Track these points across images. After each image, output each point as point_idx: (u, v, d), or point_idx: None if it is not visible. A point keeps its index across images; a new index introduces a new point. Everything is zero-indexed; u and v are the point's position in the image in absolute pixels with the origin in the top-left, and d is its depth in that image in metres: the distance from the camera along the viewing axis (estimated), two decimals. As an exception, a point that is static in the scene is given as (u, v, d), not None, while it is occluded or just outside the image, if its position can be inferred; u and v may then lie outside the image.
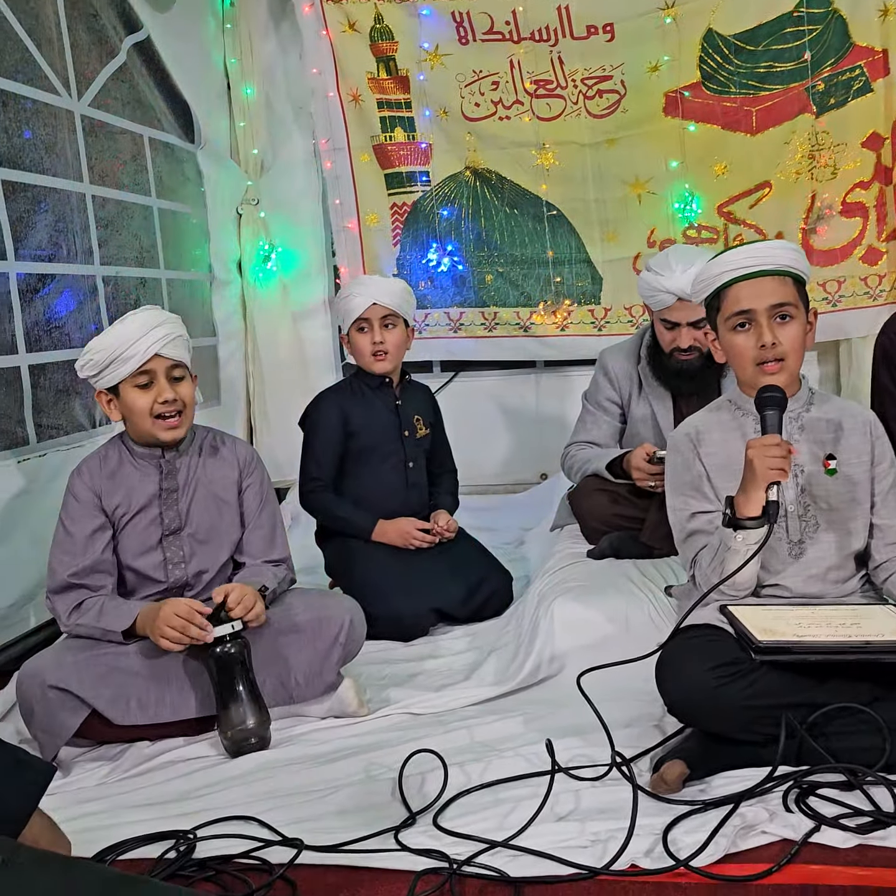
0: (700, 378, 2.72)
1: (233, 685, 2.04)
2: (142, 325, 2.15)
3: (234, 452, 2.36)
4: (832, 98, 3.72)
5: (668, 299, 2.67)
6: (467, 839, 1.63)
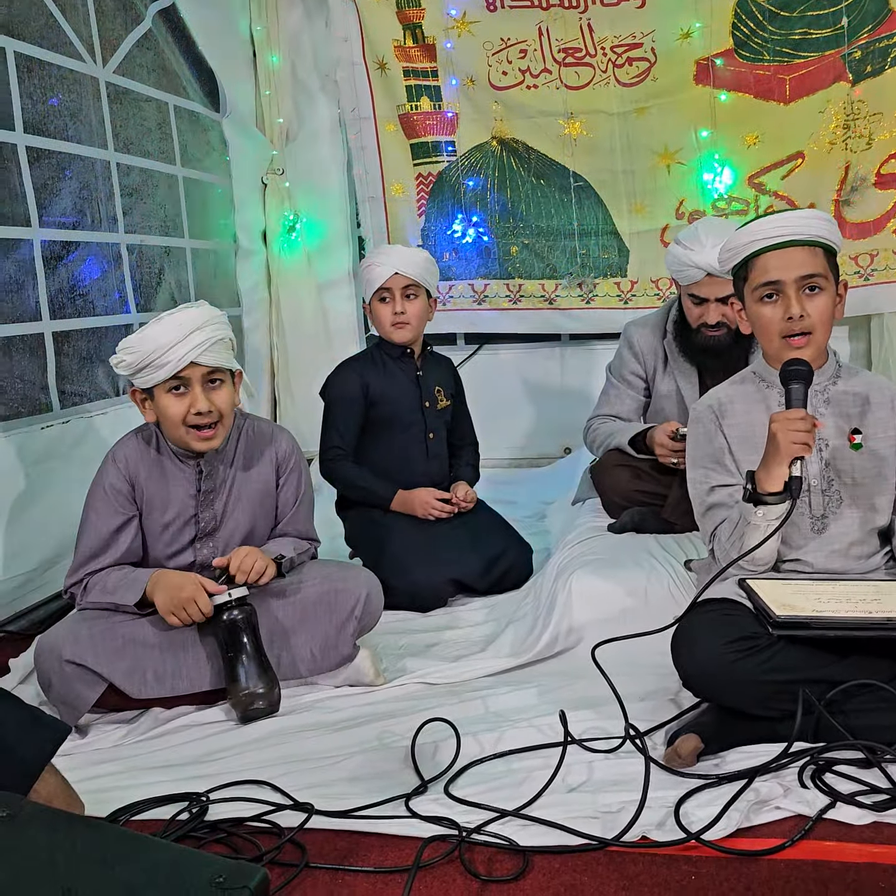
0: (727, 355, 2.66)
1: (239, 651, 2.05)
2: (179, 327, 2.02)
3: (273, 445, 2.28)
4: (869, 66, 3.62)
5: (697, 274, 2.61)
6: (478, 808, 1.63)
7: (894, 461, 1.95)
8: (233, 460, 2.24)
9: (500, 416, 4.14)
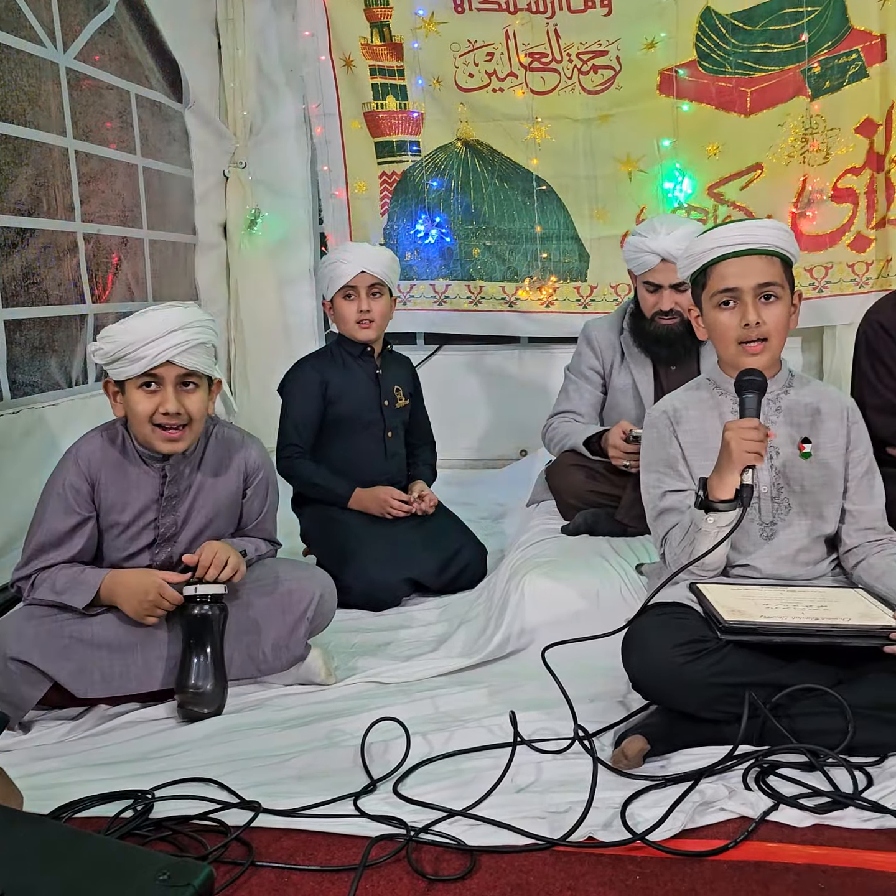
0: (680, 345, 2.72)
1: (200, 647, 2.03)
2: (161, 324, 1.97)
3: (241, 456, 2.21)
4: (828, 81, 3.69)
5: (652, 260, 2.67)
6: (426, 807, 1.63)
7: (842, 471, 1.98)
8: (199, 465, 2.16)
9: (458, 417, 4.15)
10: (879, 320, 2.67)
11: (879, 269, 3.75)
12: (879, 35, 3.63)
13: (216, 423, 2.23)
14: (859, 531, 1.99)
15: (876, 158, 3.71)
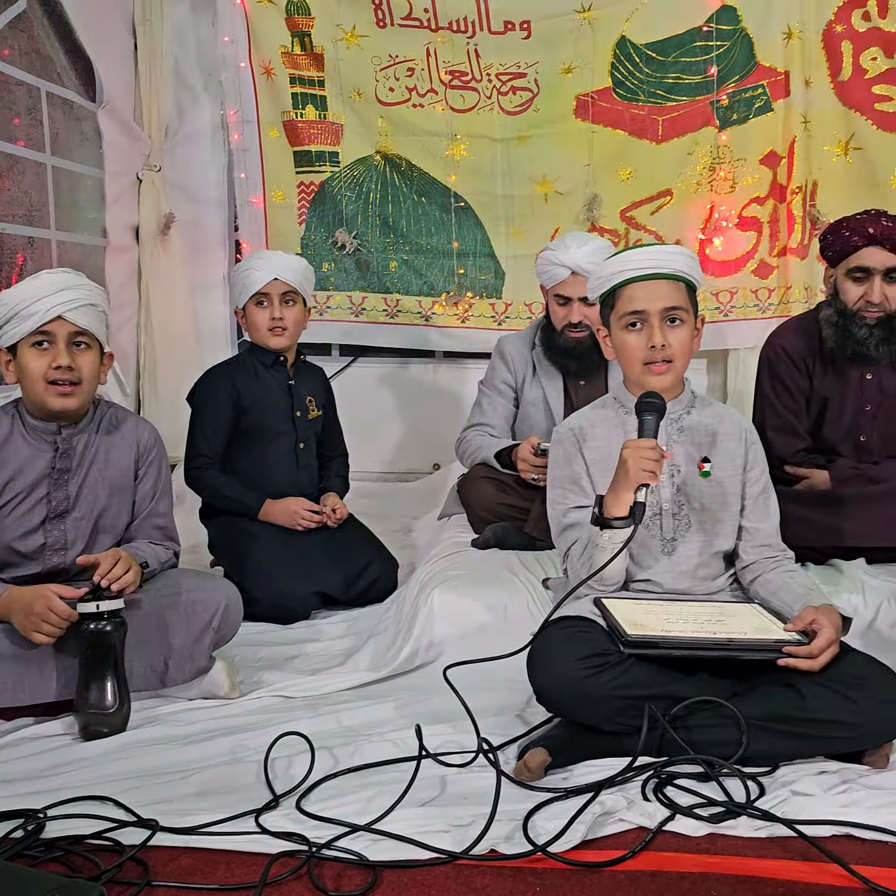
0: (588, 358, 2.79)
1: (98, 664, 1.96)
2: (51, 284, 2.03)
3: (135, 435, 2.24)
4: (735, 114, 3.83)
5: (562, 273, 2.73)
6: (329, 822, 1.61)
7: (739, 490, 2.05)
8: (92, 442, 2.19)
9: (372, 429, 4.14)
10: (781, 344, 2.78)
11: (781, 296, 3.90)
12: (783, 72, 3.78)
13: (110, 407, 2.26)
14: (756, 548, 2.06)
15: (779, 189, 3.86)
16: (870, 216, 2.55)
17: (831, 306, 2.65)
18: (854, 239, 2.53)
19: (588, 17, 3.84)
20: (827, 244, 2.63)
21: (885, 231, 2.50)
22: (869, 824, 1.61)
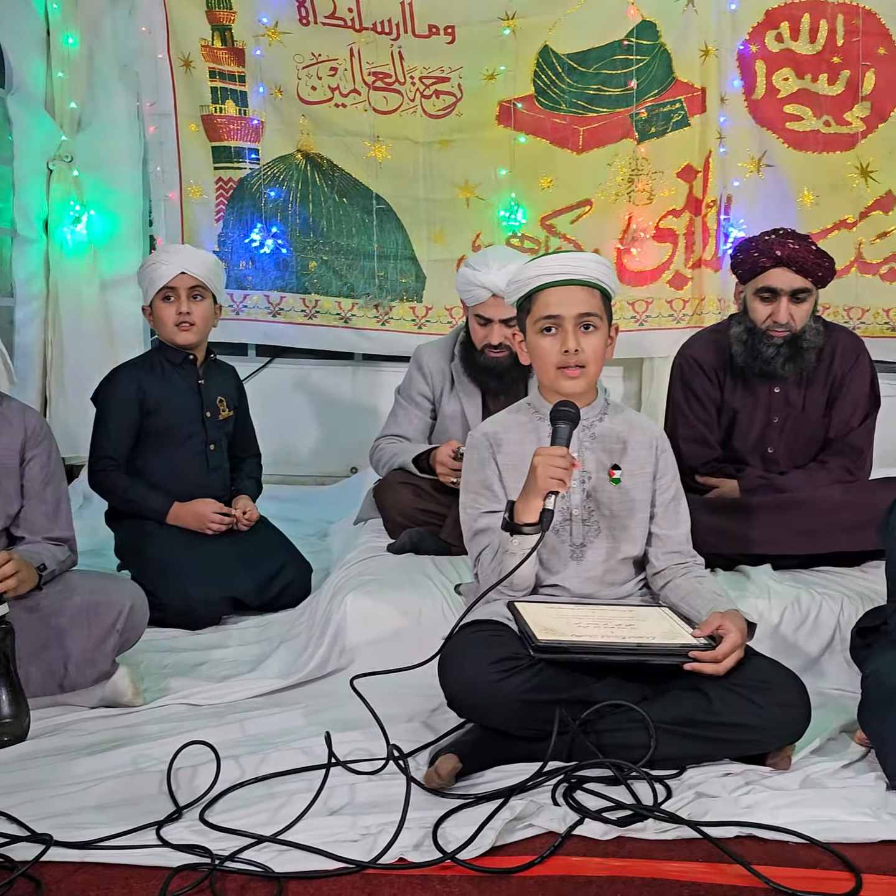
0: (508, 377, 2.78)
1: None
2: None
3: (22, 419, 2.17)
4: (653, 127, 3.90)
5: (483, 294, 2.71)
6: (233, 834, 1.57)
7: (649, 497, 2.08)
8: None
9: (288, 431, 4.09)
10: (692, 355, 2.84)
11: (695, 307, 3.98)
12: (700, 88, 3.87)
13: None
14: (666, 554, 2.09)
15: (695, 202, 3.94)
16: (778, 238, 2.61)
17: (741, 323, 2.71)
18: (762, 260, 2.59)
19: (512, 25, 3.86)
20: (736, 262, 2.70)
21: (791, 253, 2.57)
22: (771, 825, 1.64)
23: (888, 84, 3.80)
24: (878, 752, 1.85)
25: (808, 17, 3.79)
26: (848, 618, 2.36)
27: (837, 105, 3.83)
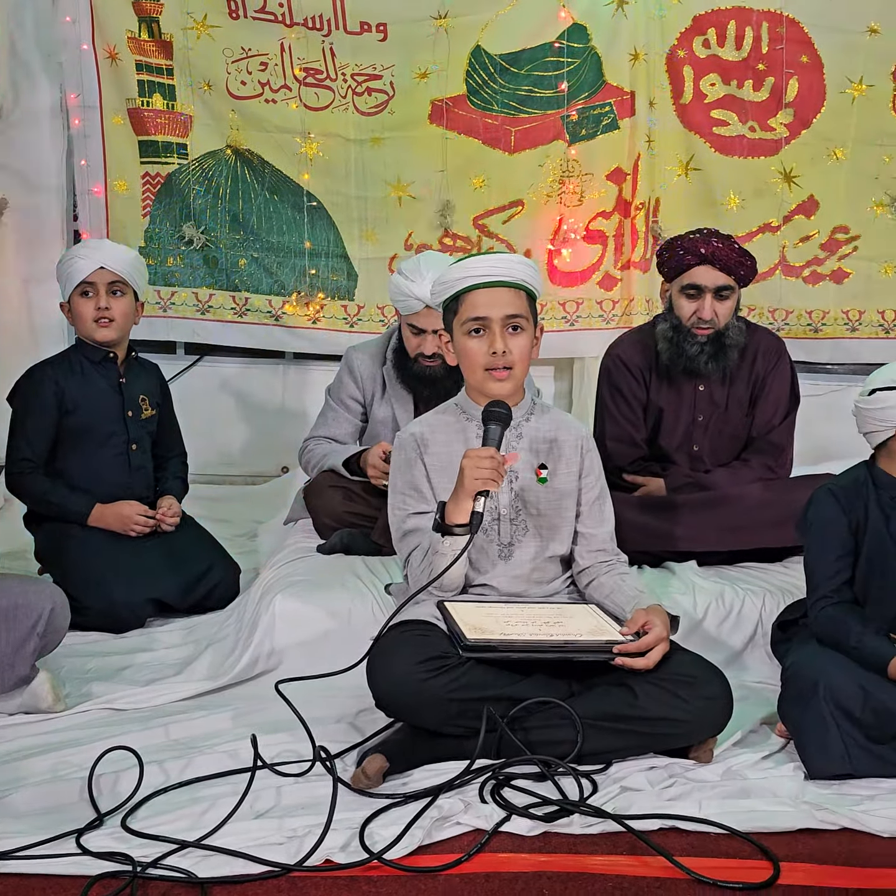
0: (441, 385, 2.75)
1: None
2: None
3: None
4: (583, 129, 3.93)
5: (416, 305, 2.69)
6: (156, 840, 1.55)
7: (575, 496, 2.10)
8: None
9: (218, 430, 4.02)
10: (619, 355, 2.88)
11: (624, 307, 4.02)
12: (630, 92, 3.90)
13: None
14: (591, 552, 2.11)
15: (624, 204, 3.98)
16: (702, 236, 2.67)
17: (667, 321, 2.76)
18: (688, 258, 2.65)
19: (444, 24, 3.86)
20: (662, 261, 2.75)
21: (716, 251, 2.63)
22: (693, 816, 1.68)
23: (810, 92, 3.89)
24: (797, 743, 1.90)
25: (734, 24, 3.86)
26: (770, 612, 2.42)
27: (762, 111, 3.91)
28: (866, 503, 2.02)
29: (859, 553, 2.02)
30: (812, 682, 1.87)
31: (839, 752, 1.82)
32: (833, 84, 3.88)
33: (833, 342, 4.06)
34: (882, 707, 1.83)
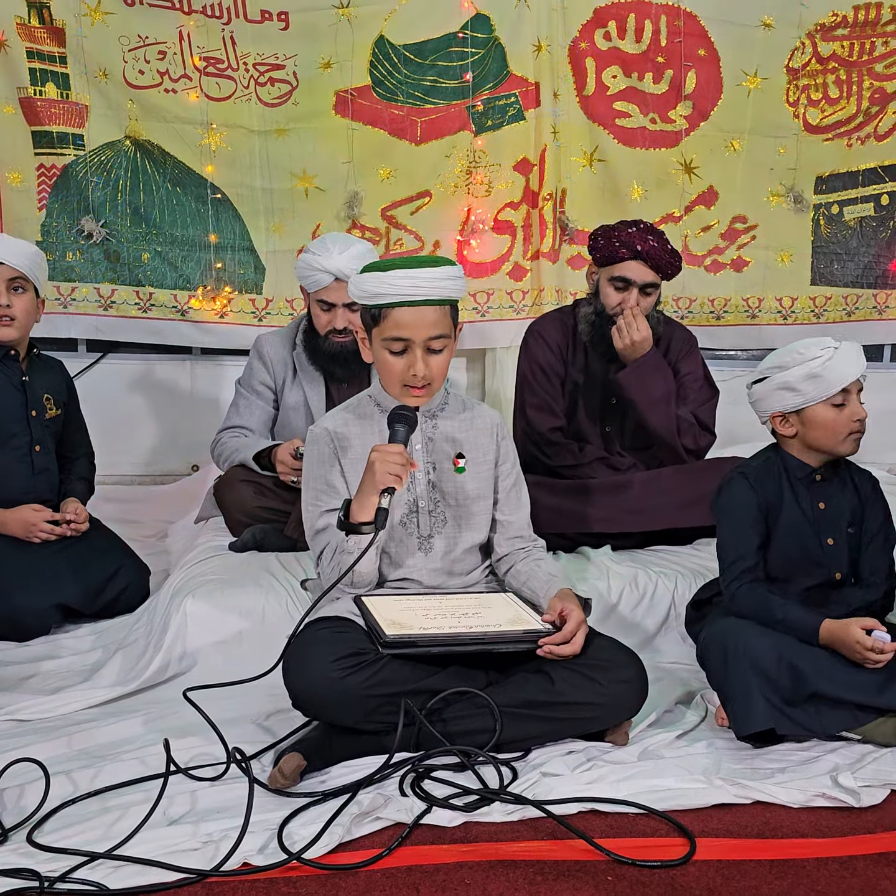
0: (354, 362, 2.73)
1: None
2: None
3: None
4: (490, 120, 3.94)
5: (325, 279, 2.68)
6: (64, 853, 1.49)
7: (492, 484, 2.10)
8: None
9: (125, 429, 3.91)
10: (539, 330, 2.95)
11: (534, 298, 4.05)
12: (534, 83, 3.93)
13: None
14: (508, 540, 2.12)
15: (531, 195, 4.01)
16: (639, 232, 2.72)
17: (591, 304, 2.82)
18: (622, 251, 2.71)
19: (347, 14, 3.82)
20: (596, 247, 2.78)
21: (650, 250, 2.70)
22: (611, 798, 1.70)
23: (708, 84, 3.98)
24: (724, 707, 1.95)
25: (633, 17, 3.92)
26: (682, 594, 2.47)
27: (662, 103, 3.98)
28: (779, 482, 2.09)
29: (770, 533, 2.08)
30: (732, 646, 1.93)
31: (762, 710, 1.87)
32: (729, 77, 3.98)
33: (735, 329, 4.20)
34: (794, 667, 1.89)
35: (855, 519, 2.11)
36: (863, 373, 2.04)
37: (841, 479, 2.13)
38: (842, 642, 1.91)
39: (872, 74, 4.06)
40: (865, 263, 4.20)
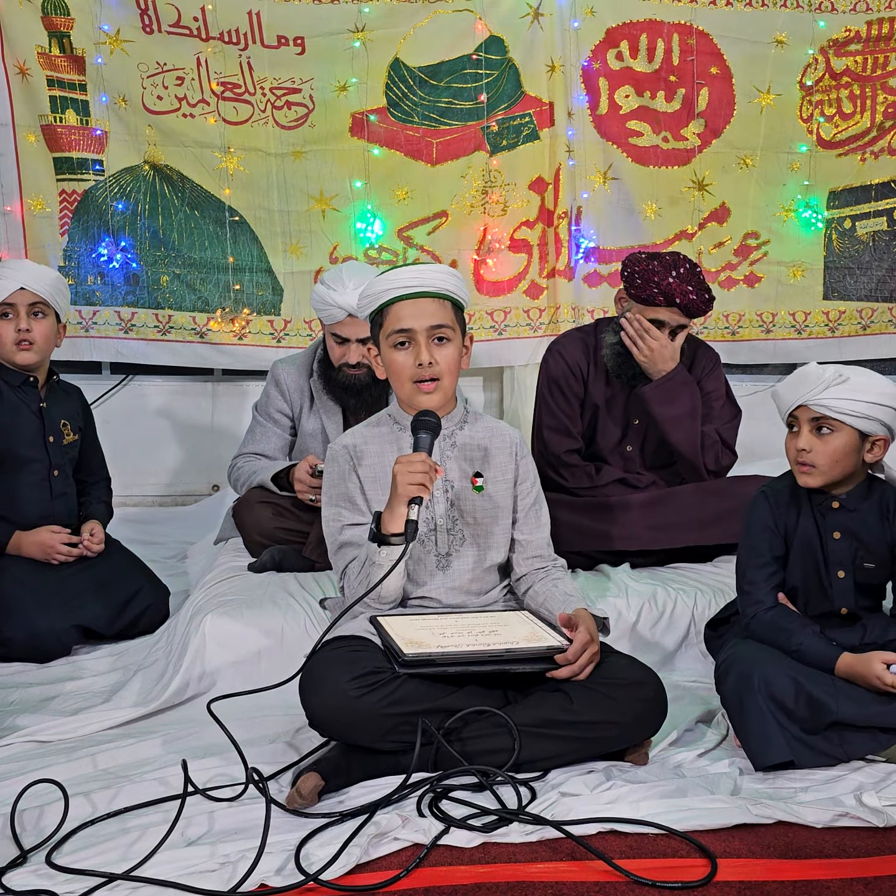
0: (368, 394, 2.75)
1: None
2: None
3: None
4: (504, 140, 3.98)
5: (339, 314, 2.69)
6: (82, 874, 1.50)
7: (511, 503, 2.10)
8: None
9: (147, 451, 3.95)
10: (558, 350, 2.93)
11: (551, 315, 4.06)
12: (548, 102, 3.96)
13: None
14: (527, 559, 2.11)
15: (547, 214, 4.03)
16: (679, 283, 2.65)
17: (616, 334, 2.76)
18: (660, 298, 2.66)
19: (362, 38, 3.87)
20: (633, 284, 2.70)
21: (688, 304, 2.67)
22: (630, 818, 1.68)
23: (720, 102, 4.00)
24: (739, 736, 1.92)
25: (645, 36, 3.95)
26: (701, 611, 2.45)
27: (674, 121, 4.01)
28: (799, 507, 2.02)
29: (789, 557, 2.04)
30: (747, 676, 1.89)
31: (779, 741, 1.84)
32: (742, 94, 4.01)
33: (750, 344, 4.20)
34: (813, 698, 1.86)
35: (880, 550, 1.99)
36: (806, 402, 1.90)
37: (871, 510, 2.00)
38: (861, 677, 1.86)
39: (886, 89, 4.06)
40: (879, 277, 4.20)
